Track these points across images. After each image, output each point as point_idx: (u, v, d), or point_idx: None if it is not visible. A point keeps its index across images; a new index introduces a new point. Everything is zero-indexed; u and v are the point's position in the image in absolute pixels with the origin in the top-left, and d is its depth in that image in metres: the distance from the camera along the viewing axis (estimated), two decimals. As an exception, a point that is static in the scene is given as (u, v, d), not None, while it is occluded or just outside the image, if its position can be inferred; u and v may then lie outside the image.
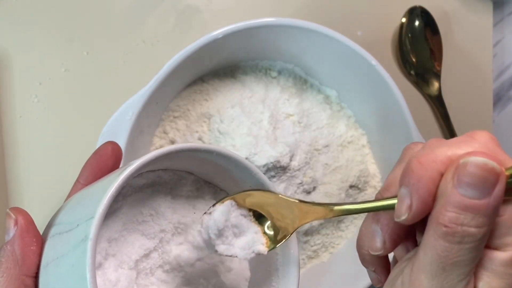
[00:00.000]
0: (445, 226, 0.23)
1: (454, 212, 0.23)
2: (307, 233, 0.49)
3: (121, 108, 0.42)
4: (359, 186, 0.50)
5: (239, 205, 0.30)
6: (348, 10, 0.57)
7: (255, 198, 0.30)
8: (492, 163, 0.23)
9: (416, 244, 0.28)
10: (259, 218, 0.31)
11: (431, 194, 0.24)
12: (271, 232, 0.30)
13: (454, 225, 0.23)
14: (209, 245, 0.30)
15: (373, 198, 0.50)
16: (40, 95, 0.52)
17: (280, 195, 0.30)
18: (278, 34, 0.45)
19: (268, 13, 0.56)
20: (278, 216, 0.30)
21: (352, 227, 0.50)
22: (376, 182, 0.51)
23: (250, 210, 0.30)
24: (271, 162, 0.44)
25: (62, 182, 0.52)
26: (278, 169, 0.45)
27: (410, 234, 0.28)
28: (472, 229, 0.23)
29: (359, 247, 0.30)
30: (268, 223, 0.30)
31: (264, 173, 0.45)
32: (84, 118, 0.53)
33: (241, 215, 0.30)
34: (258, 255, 0.30)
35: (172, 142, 0.48)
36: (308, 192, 0.47)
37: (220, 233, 0.29)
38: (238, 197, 0.30)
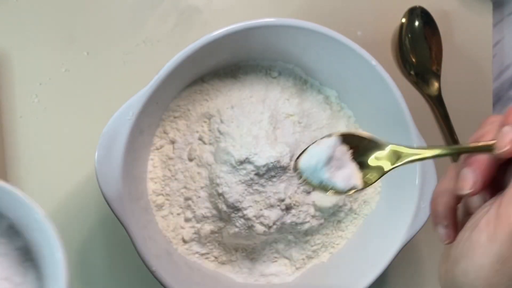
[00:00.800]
0: None
1: None
2: (307, 233, 0.49)
3: (121, 108, 0.42)
4: (359, 186, 0.50)
5: (342, 142, 0.35)
6: (348, 10, 0.57)
7: (354, 139, 0.35)
8: None
9: (490, 198, 0.31)
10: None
11: None
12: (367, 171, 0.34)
13: None
14: (314, 171, 0.34)
15: (374, 197, 0.51)
16: (41, 95, 0.53)
17: (375, 138, 0.34)
18: (278, 34, 0.45)
19: (268, 13, 0.56)
20: (374, 157, 0.34)
21: (352, 227, 0.50)
22: (376, 182, 0.51)
23: (350, 148, 0.35)
24: (271, 162, 0.45)
25: (62, 182, 0.52)
26: (278, 169, 0.45)
27: (488, 186, 0.31)
28: None
29: (435, 204, 0.33)
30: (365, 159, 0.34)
31: (264, 173, 0.45)
32: (84, 118, 0.53)
33: (342, 151, 0.34)
34: (354, 189, 0.34)
35: (173, 142, 0.48)
36: (308, 192, 0.47)
37: (327, 162, 0.34)
38: (341, 135, 0.35)
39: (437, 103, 0.56)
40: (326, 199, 0.48)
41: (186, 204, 0.47)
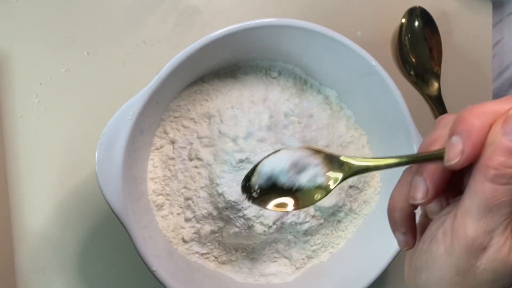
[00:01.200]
0: (495, 169, 0.26)
1: (503, 157, 0.26)
2: (307, 233, 0.49)
3: (121, 108, 0.42)
4: (359, 186, 0.50)
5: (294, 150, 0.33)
6: (348, 10, 0.57)
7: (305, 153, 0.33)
8: None
9: (448, 203, 0.31)
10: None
11: (482, 141, 0.27)
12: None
13: (503, 168, 0.26)
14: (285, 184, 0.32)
15: (374, 197, 0.51)
16: (41, 95, 0.53)
17: (327, 152, 0.32)
18: (278, 34, 0.45)
19: (268, 13, 0.56)
20: (328, 168, 0.32)
21: (352, 227, 0.51)
22: (376, 182, 0.51)
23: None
24: (271, 162, 0.45)
25: (62, 182, 0.52)
26: (278, 169, 0.45)
27: (443, 192, 0.30)
28: None
29: (391, 211, 0.32)
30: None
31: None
32: (84, 118, 0.53)
33: (299, 154, 0.33)
34: (320, 187, 0.32)
35: (173, 142, 0.48)
36: (308, 192, 0.47)
37: (285, 173, 0.32)
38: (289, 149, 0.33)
39: (437, 103, 0.56)
40: (326, 199, 0.48)
41: (186, 204, 0.47)
